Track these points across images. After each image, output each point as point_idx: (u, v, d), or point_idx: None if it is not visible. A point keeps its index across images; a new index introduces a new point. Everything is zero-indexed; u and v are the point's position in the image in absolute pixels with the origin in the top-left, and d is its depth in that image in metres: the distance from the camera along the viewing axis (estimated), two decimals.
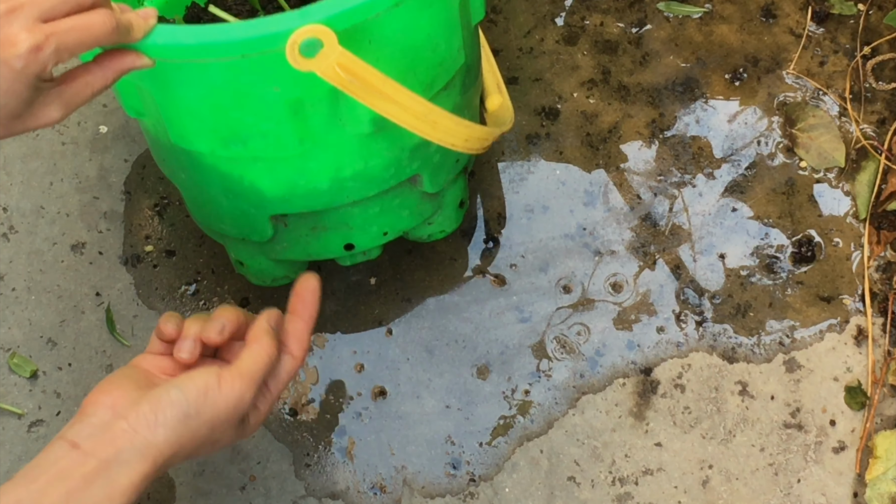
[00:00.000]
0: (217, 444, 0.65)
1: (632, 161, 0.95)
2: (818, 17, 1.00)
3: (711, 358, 0.88)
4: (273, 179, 0.74)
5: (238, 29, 0.62)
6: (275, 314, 0.69)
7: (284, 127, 0.69)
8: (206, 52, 0.63)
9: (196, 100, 0.68)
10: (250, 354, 0.66)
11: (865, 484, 0.83)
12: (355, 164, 0.74)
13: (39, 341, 0.90)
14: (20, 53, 0.55)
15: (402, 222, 0.83)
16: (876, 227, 0.92)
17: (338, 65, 0.63)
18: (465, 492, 0.84)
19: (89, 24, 0.58)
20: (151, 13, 0.63)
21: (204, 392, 0.62)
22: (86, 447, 0.60)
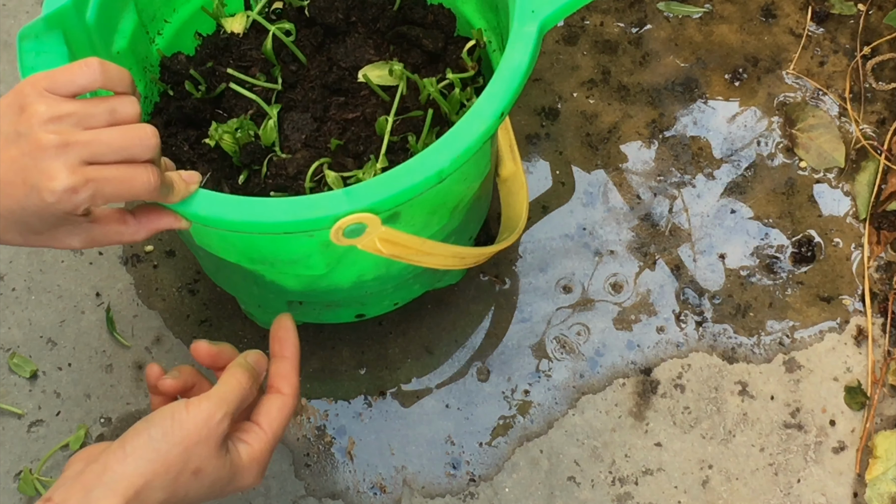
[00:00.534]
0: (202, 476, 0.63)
1: (631, 161, 0.95)
2: (818, 17, 1.00)
3: (711, 358, 0.88)
4: (296, 283, 0.75)
5: (283, 210, 0.62)
6: (253, 354, 0.68)
7: (314, 258, 0.70)
8: (248, 229, 0.63)
9: (227, 237, 0.69)
10: (220, 381, 0.65)
11: (865, 484, 0.83)
12: (377, 271, 0.76)
13: (39, 341, 0.90)
14: (55, 190, 0.55)
15: (413, 293, 0.86)
16: (876, 227, 0.92)
17: (378, 240, 0.64)
18: (465, 492, 0.84)
19: (132, 179, 0.58)
20: (195, 179, 0.63)
21: (170, 416, 0.61)
22: (57, 498, 0.59)
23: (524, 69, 0.66)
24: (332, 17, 0.83)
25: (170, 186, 0.61)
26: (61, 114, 0.56)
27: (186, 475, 0.61)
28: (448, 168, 0.63)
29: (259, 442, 0.65)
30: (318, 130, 0.79)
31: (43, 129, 0.56)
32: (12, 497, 0.85)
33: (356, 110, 0.80)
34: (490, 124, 0.64)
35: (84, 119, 0.57)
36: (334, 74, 0.81)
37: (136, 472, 0.59)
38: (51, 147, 0.55)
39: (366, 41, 0.83)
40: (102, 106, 0.57)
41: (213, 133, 0.76)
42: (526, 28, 0.68)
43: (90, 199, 0.56)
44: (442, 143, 0.64)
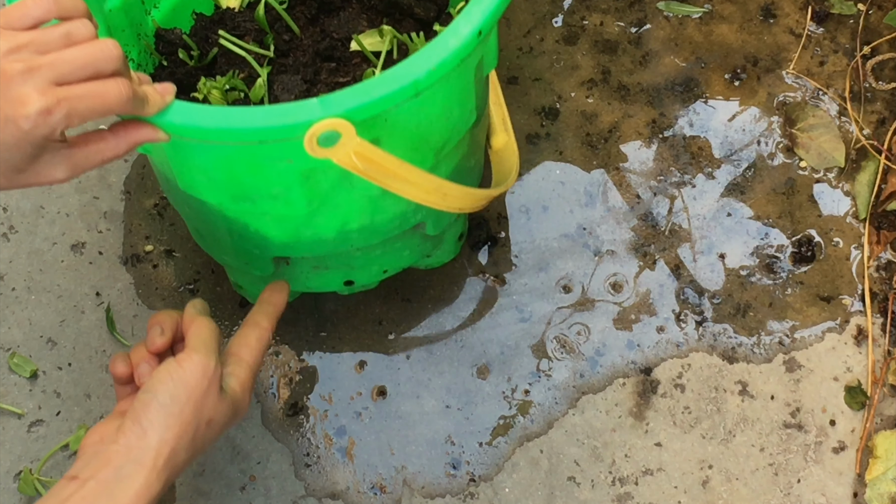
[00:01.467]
0: (214, 424, 0.66)
1: (631, 161, 0.95)
2: (818, 17, 1.00)
3: (711, 358, 0.88)
4: (279, 230, 0.75)
5: (257, 116, 0.62)
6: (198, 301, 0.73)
7: (294, 192, 0.70)
8: (223, 136, 0.62)
9: (208, 165, 0.68)
10: (191, 334, 0.68)
11: (865, 484, 0.83)
12: (362, 219, 0.75)
13: (39, 341, 0.90)
14: (29, 115, 0.55)
15: (403, 261, 0.85)
16: (876, 227, 0.92)
17: (354, 153, 0.64)
18: (465, 492, 0.84)
19: (104, 93, 0.57)
20: (169, 89, 0.63)
21: (169, 379, 0.64)
22: (83, 475, 0.61)
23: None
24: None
25: (144, 99, 0.61)
26: (19, 44, 0.56)
27: (202, 428, 0.65)
28: (423, 80, 0.62)
29: (244, 371, 0.70)
30: (307, 92, 0.78)
31: (5, 60, 0.55)
32: (12, 497, 0.85)
33: (347, 75, 0.80)
34: (466, 41, 0.64)
35: (42, 46, 0.56)
36: (326, 43, 0.81)
37: (159, 442, 0.62)
38: (16, 74, 0.55)
39: (359, 14, 0.82)
40: (58, 31, 0.57)
41: (202, 87, 0.76)
42: None
43: (65, 118, 0.56)
44: (417, 56, 0.63)
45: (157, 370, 0.65)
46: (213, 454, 0.85)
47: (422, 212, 0.78)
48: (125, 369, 0.71)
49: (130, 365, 0.71)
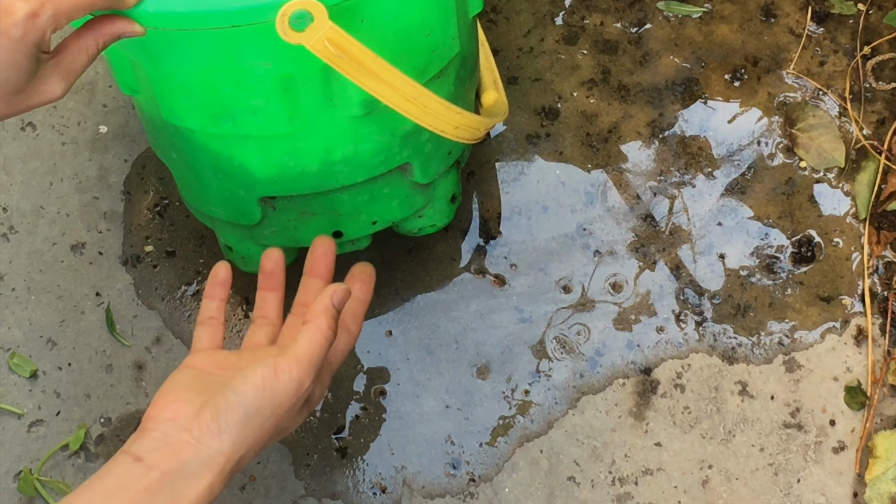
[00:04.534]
0: (285, 433, 0.65)
1: (631, 161, 0.95)
2: (818, 17, 1.00)
3: (711, 358, 0.88)
4: (262, 160, 0.74)
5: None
6: (340, 290, 0.67)
7: (275, 104, 0.69)
8: (196, 21, 0.62)
9: (187, 73, 0.68)
10: (306, 337, 0.64)
11: (865, 484, 0.83)
12: (345, 147, 0.74)
13: (39, 341, 0.90)
14: (17, 21, 0.55)
15: (392, 212, 0.83)
16: (876, 227, 0.92)
17: (327, 40, 0.62)
18: (465, 492, 0.84)
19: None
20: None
21: (262, 387, 0.61)
22: (149, 460, 0.58)
23: None
24: None
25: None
26: None
27: (275, 437, 0.64)
28: None
29: (328, 376, 0.68)
30: None
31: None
32: (12, 497, 0.85)
33: None
34: None
35: None
36: None
37: (232, 448, 0.60)
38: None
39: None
40: None
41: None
42: None
43: (52, 18, 0.56)
44: None
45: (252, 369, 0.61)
46: None
47: (407, 148, 0.77)
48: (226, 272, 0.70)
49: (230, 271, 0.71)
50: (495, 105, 0.89)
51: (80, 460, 0.86)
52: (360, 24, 0.65)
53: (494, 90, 0.89)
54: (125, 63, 0.72)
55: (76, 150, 0.99)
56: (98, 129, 1.00)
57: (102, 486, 0.58)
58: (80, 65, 0.62)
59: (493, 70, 0.90)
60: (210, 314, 0.71)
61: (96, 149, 0.99)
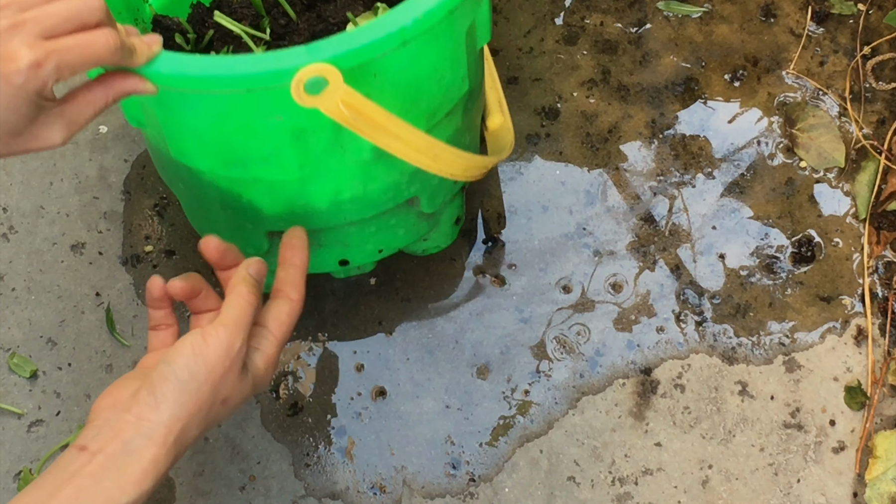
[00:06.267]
0: (229, 402, 0.65)
1: (631, 161, 0.95)
2: (818, 17, 1.00)
3: (711, 358, 0.88)
4: (271, 199, 0.74)
5: (243, 63, 0.62)
6: (254, 262, 0.70)
7: (285, 153, 0.69)
8: (210, 85, 0.62)
9: (198, 124, 0.68)
10: (228, 303, 0.66)
11: (865, 484, 0.83)
12: (354, 188, 0.74)
13: (39, 341, 0.90)
14: (20, 69, 0.55)
15: (398, 240, 0.84)
16: (876, 227, 0.92)
17: (342, 102, 0.63)
18: (465, 492, 0.84)
19: (91, 43, 0.58)
20: (156, 40, 0.63)
21: (191, 353, 0.62)
22: (92, 447, 0.60)
23: None
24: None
25: (132, 49, 0.61)
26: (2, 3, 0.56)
27: (217, 406, 0.64)
28: (411, 29, 0.62)
29: (271, 346, 0.68)
30: None
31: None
32: (12, 497, 0.85)
33: None
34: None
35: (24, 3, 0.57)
36: (322, 26, 0.81)
37: (171, 418, 0.61)
38: (3, 31, 0.55)
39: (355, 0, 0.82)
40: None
41: None
42: None
43: (56, 70, 0.56)
44: (405, 5, 0.63)
45: (182, 341, 0.63)
46: (212, 454, 0.85)
47: (415, 184, 0.77)
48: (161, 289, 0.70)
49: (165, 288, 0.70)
50: (500, 129, 0.89)
51: None
52: (373, 79, 0.65)
53: (499, 113, 0.89)
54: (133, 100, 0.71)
55: (76, 150, 0.99)
56: (98, 129, 1.00)
57: (50, 479, 0.59)
58: (85, 117, 0.62)
59: (497, 90, 0.90)
60: (157, 321, 0.72)
61: (96, 149, 0.99)
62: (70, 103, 0.60)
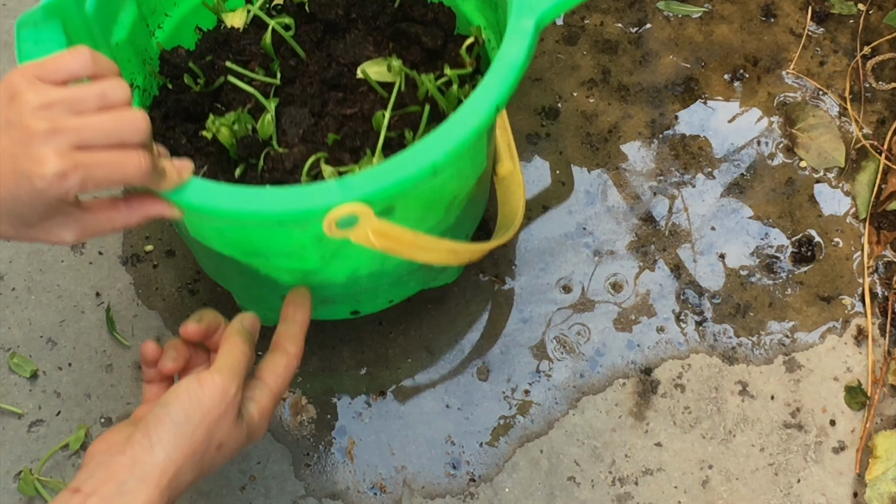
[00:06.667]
0: (224, 449, 0.65)
1: (632, 161, 0.95)
2: (818, 17, 1.00)
3: (711, 358, 0.88)
4: (290, 277, 0.75)
5: (276, 200, 0.62)
6: (248, 316, 0.70)
7: (308, 251, 0.70)
8: (240, 218, 0.62)
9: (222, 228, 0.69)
10: (222, 352, 0.66)
11: (865, 484, 0.83)
12: (372, 266, 0.76)
13: (39, 341, 0.90)
14: (44, 175, 0.55)
15: (409, 290, 0.85)
16: (876, 227, 0.92)
17: (372, 232, 0.64)
18: (466, 492, 0.84)
19: (123, 164, 0.57)
20: (186, 167, 0.63)
21: (186, 397, 0.62)
22: (86, 489, 0.60)
23: (520, 64, 0.66)
24: (333, 13, 0.83)
25: (162, 173, 0.60)
26: (51, 101, 0.56)
27: (211, 452, 0.63)
28: (442, 161, 0.63)
29: (266, 398, 0.68)
30: (315, 125, 0.79)
31: (33, 116, 0.55)
32: (12, 497, 0.85)
33: (354, 106, 0.80)
34: (484, 118, 0.64)
35: (74, 104, 0.56)
36: (333, 70, 0.81)
37: (166, 460, 0.61)
38: (40, 133, 0.55)
39: (365, 38, 0.83)
40: (93, 90, 0.57)
41: (211, 126, 0.76)
42: (522, 23, 0.68)
43: (80, 183, 0.56)
44: (436, 135, 0.63)
45: (177, 385, 0.63)
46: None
47: None
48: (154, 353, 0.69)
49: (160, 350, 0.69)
50: (510, 179, 0.90)
51: (80, 460, 0.86)
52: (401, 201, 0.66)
53: (510, 160, 0.90)
54: None
55: None
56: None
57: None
58: (101, 230, 0.62)
59: (508, 136, 0.90)
60: (152, 377, 0.71)
61: None
62: (90, 212, 0.61)
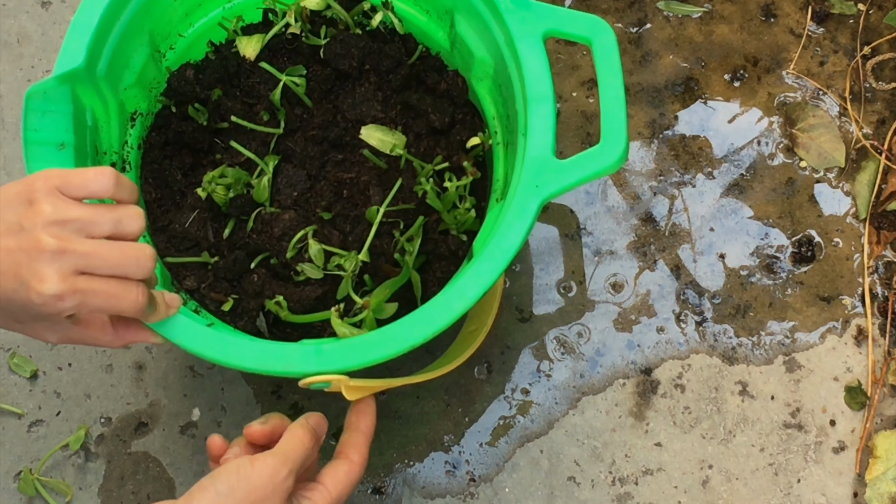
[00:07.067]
0: None
1: (631, 161, 0.95)
2: (818, 17, 1.00)
3: (711, 358, 0.88)
4: None
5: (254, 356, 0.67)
6: (315, 416, 0.70)
7: None
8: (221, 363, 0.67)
9: None
10: (283, 439, 0.66)
11: (865, 484, 0.83)
12: None
13: (39, 341, 0.90)
14: (42, 293, 0.56)
15: None
16: (876, 227, 0.92)
17: (345, 388, 0.68)
18: (466, 492, 0.84)
19: (120, 295, 0.59)
20: (176, 303, 0.66)
21: (235, 471, 0.62)
22: None
23: (515, 250, 0.68)
24: (347, 64, 0.81)
25: (154, 307, 0.63)
26: (66, 218, 0.57)
27: None
28: (420, 342, 0.67)
29: (322, 500, 0.66)
30: (310, 189, 0.79)
31: (45, 230, 0.56)
32: (12, 497, 0.85)
33: (351, 170, 0.80)
34: (469, 305, 0.67)
35: (88, 226, 0.58)
36: (337, 129, 0.81)
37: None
38: (48, 251, 0.56)
39: (375, 94, 0.81)
40: (109, 216, 0.58)
41: (207, 185, 0.77)
42: (528, 204, 0.69)
43: (76, 307, 0.57)
44: (419, 316, 0.67)
45: (231, 461, 0.63)
46: None
47: None
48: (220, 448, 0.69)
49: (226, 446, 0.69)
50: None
51: (80, 460, 0.86)
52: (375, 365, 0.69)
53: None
54: None
55: None
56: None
57: None
58: (84, 343, 0.64)
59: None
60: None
61: None
62: (80, 327, 0.63)
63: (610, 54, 0.72)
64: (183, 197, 0.80)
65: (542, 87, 0.71)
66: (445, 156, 0.80)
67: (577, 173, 0.70)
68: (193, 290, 0.78)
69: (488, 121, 0.81)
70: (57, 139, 0.70)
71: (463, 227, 0.79)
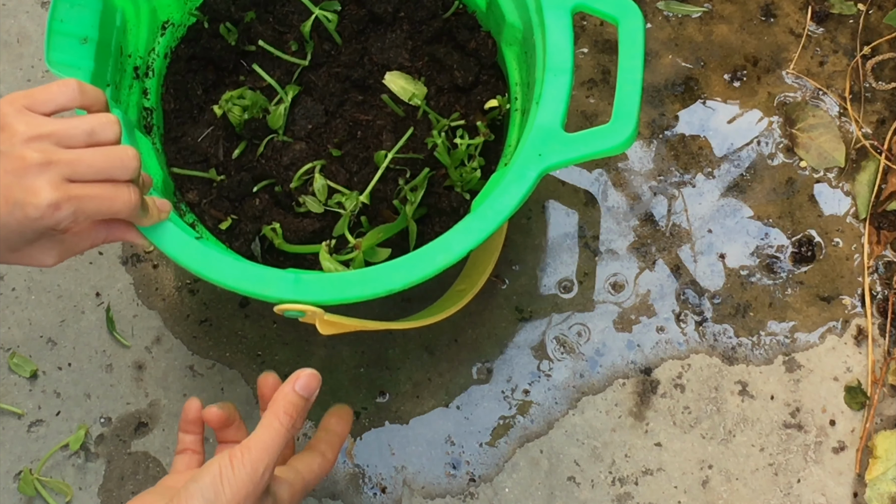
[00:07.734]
0: None
1: (631, 161, 0.95)
2: (818, 17, 1.00)
3: (711, 358, 0.88)
4: None
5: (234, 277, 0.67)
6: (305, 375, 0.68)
7: None
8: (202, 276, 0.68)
9: None
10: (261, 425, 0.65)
11: (865, 484, 0.83)
12: None
13: (39, 341, 0.90)
14: (38, 205, 0.56)
15: None
16: (876, 227, 0.92)
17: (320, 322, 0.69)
18: (466, 492, 0.84)
19: (114, 198, 0.60)
20: (167, 208, 0.67)
21: (218, 474, 0.62)
22: None
23: (508, 213, 0.68)
24: (382, 8, 0.83)
25: (145, 210, 0.64)
26: (42, 133, 0.57)
27: None
28: (398, 288, 0.67)
29: (298, 483, 0.68)
30: (325, 125, 0.80)
31: (26, 146, 0.57)
32: (12, 497, 0.85)
33: (369, 113, 0.80)
34: (453, 259, 0.67)
35: (64, 139, 0.58)
36: (362, 69, 0.81)
37: None
38: (34, 164, 0.56)
39: (405, 42, 0.82)
40: (81, 127, 0.59)
41: (223, 104, 0.77)
42: (528, 171, 0.69)
43: (72, 215, 0.58)
44: (402, 263, 0.67)
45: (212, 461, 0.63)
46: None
47: None
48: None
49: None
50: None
51: (80, 460, 0.86)
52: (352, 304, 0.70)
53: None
54: None
55: None
56: None
57: None
58: (81, 248, 0.64)
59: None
60: (185, 446, 0.72)
61: None
62: (73, 234, 0.63)
63: (635, 37, 0.72)
64: (200, 112, 0.81)
65: (563, 59, 0.71)
66: (462, 114, 0.81)
67: (583, 148, 0.69)
68: (195, 204, 0.79)
69: (511, 86, 0.81)
70: (81, 33, 0.70)
71: (468, 185, 0.79)
